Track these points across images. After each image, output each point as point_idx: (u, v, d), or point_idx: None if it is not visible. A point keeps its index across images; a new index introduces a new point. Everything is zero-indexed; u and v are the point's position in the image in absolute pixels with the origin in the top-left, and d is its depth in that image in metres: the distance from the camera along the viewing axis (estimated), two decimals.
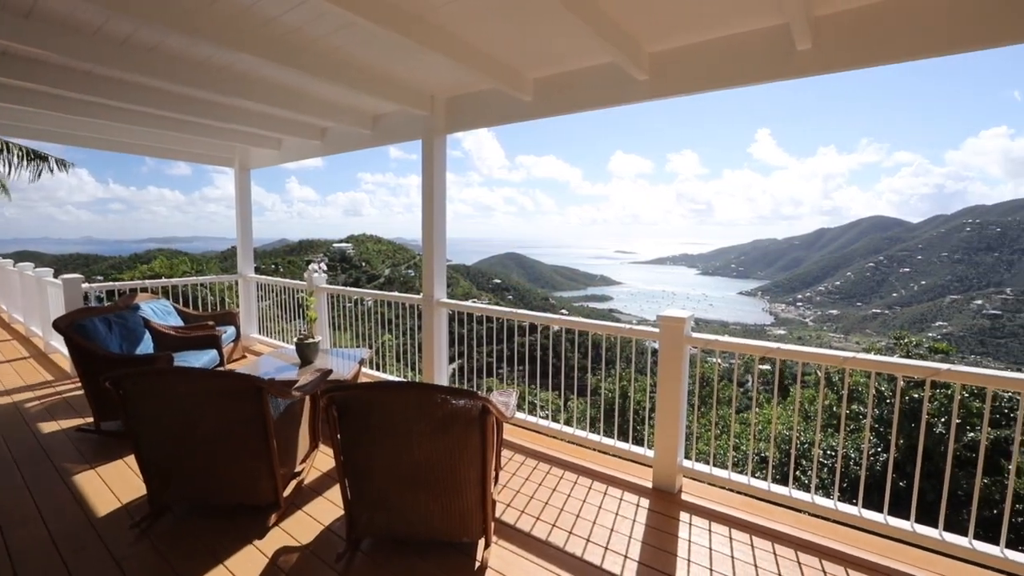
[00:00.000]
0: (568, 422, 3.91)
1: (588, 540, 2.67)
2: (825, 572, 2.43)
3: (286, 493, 2.96)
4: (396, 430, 2.30)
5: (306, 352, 4.12)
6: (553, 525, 2.80)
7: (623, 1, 2.62)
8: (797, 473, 6.44)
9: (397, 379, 5.32)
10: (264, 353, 4.71)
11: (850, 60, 2.69)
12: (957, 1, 2.36)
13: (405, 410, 2.28)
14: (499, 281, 77.90)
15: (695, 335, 3.04)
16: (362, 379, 4.60)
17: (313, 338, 4.18)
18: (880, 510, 2.67)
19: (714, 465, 3.21)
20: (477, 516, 2.43)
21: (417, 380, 4.90)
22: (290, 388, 2.85)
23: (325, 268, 5.83)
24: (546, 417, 4.05)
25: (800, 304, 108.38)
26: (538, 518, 2.87)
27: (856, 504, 2.74)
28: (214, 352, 4.68)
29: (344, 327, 5.97)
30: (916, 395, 8.42)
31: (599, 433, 3.68)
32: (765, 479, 3.00)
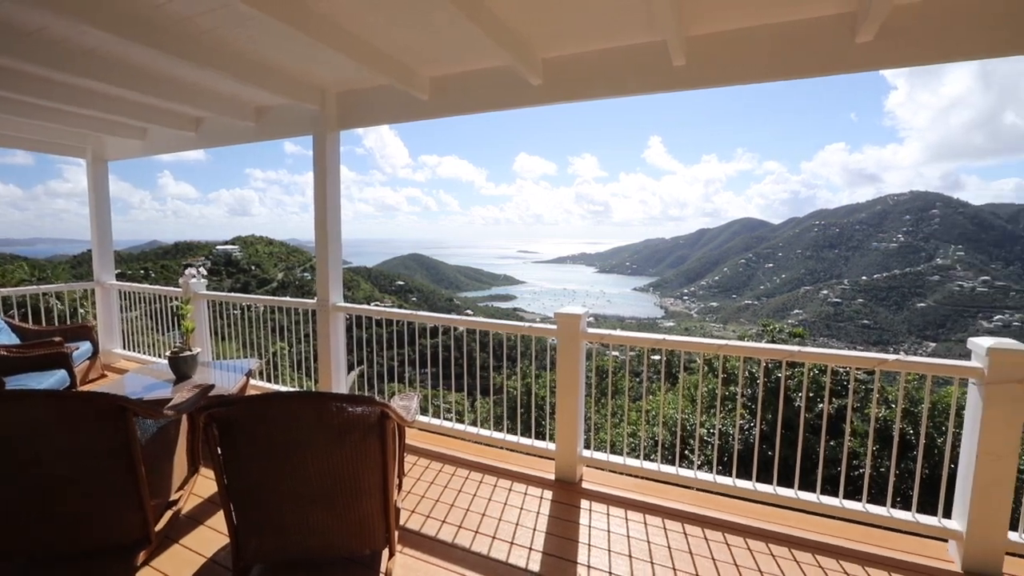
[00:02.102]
0: (475, 423, 3.92)
1: (494, 538, 2.69)
2: (707, 539, 2.69)
3: (159, 526, 2.63)
4: (288, 444, 2.15)
5: (182, 366, 3.71)
6: (459, 527, 2.79)
7: (515, 5, 2.68)
8: (686, 453, 7.04)
9: (290, 390, 4.97)
10: (130, 371, 4.15)
11: (720, 78, 3.01)
12: (808, 32, 2.74)
13: (298, 422, 2.13)
14: (403, 283, 76.00)
15: (590, 331, 3.20)
16: (251, 392, 4.24)
17: (191, 350, 3.77)
18: (754, 478, 3.00)
19: (611, 452, 3.41)
20: (380, 526, 2.35)
21: (314, 389, 4.63)
22: (162, 407, 2.54)
23: (204, 273, 5.28)
24: (451, 419, 4.02)
25: (686, 298, 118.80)
26: (444, 521, 2.84)
27: (731, 475, 3.06)
28: (63, 372, 4.04)
29: (231, 337, 5.45)
30: (779, 375, 9.65)
31: (503, 431, 3.74)
32: (656, 461, 3.24)
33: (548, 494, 3.15)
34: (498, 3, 2.64)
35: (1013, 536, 2.45)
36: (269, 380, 5.25)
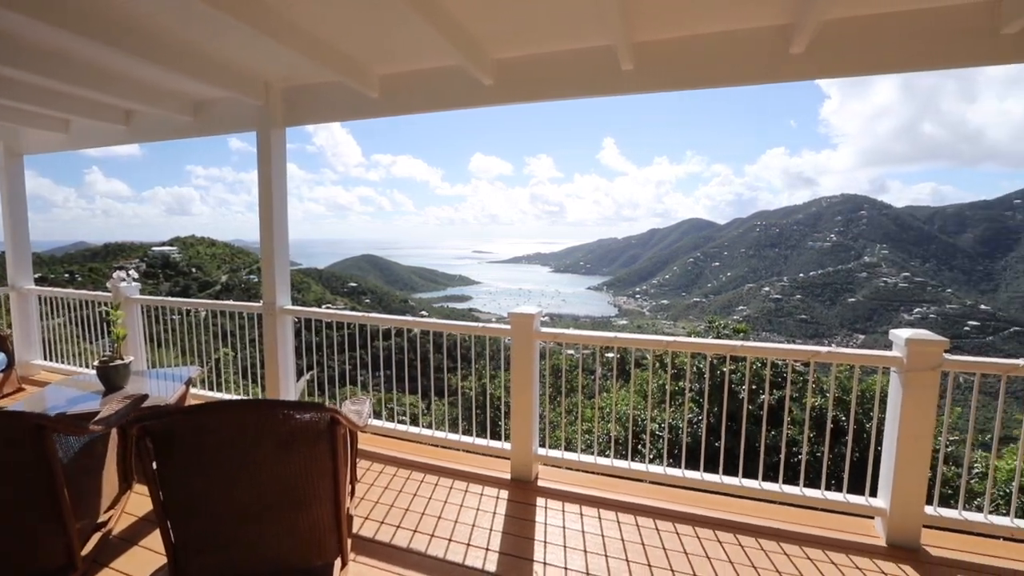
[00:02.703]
0: (430, 425, 3.87)
1: (450, 540, 2.67)
2: (658, 529, 2.77)
3: (86, 551, 2.45)
4: (232, 455, 2.05)
5: (112, 376, 3.46)
6: (415, 531, 2.75)
7: (467, 5, 2.67)
8: (640, 447, 7.24)
9: (234, 398, 4.74)
10: (52, 383, 3.84)
11: (665, 83, 3.11)
12: (747, 42, 2.88)
13: (241, 432, 2.04)
14: (355, 284, 74.02)
15: (544, 330, 3.23)
16: (191, 401, 4.01)
17: (122, 359, 3.53)
18: (704, 470, 3.12)
19: (566, 450, 3.45)
20: (331, 536, 2.28)
21: (261, 397, 4.44)
22: (87, 422, 2.36)
23: (136, 276, 4.95)
24: (404, 422, 3.96)
25: (638, 296, 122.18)
26: (399, 526, 2.79)
27: (680, 468, 3.17)
28: None
29: (169, 343, 5.14)
30: (723, 369, 10.09)
31: (459, 433, 3.72)
32: (610, 457, 3.31)
33: (504, 494, 3.16)
34: (451, 2, 2.62)
35: (929, 510, 2.66)
36: (212, 388, 4.99)
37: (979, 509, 2.69)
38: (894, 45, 2.69)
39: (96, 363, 3.47)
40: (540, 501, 3.07)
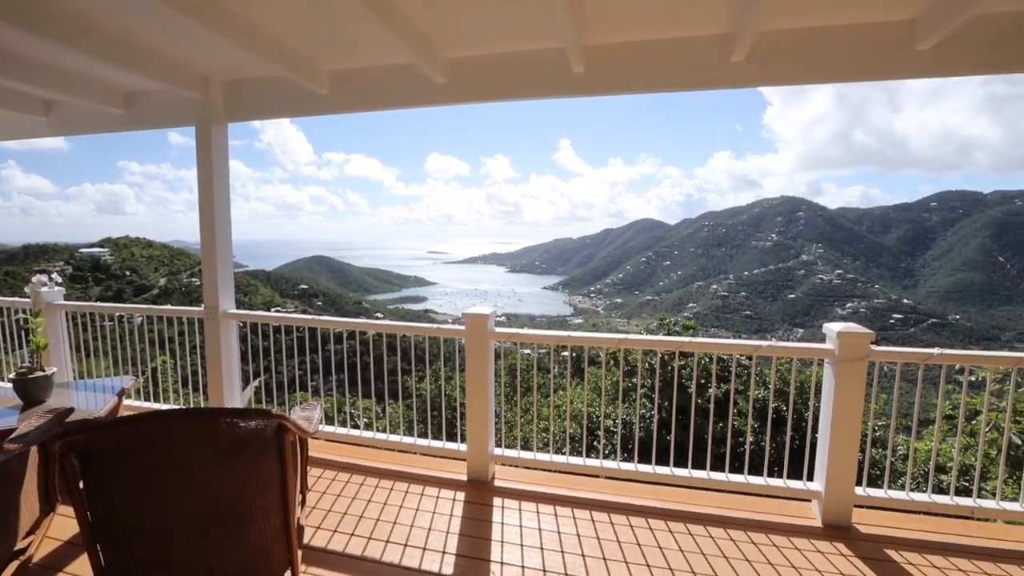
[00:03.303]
0: (386, 429, 3.80)
1: (406, 545, 2.63)
2: (613, 523, 2.84)
3: None
4: (170, 469, 1.93)
5: (31, 390, 3.19)
6: (369, 538, 2.69)
7: (418, 2, 2.64)
8: (595, 443, 7.38)
9: (173, 408, 4.48)
10: None
11: (615, 86, 3.19)
12: (690, 50, 2.99)
13: (180, 443, 1.92)
14: (306, 286, 71.57)
15: (498, 330, 3.24)
16: (125, 414, 3.75)
17: (43, 370, 3.26)
18: (657, 463, 3.21)
19: (523, 449, 3.47)
20: (280, 548, 2.19)
21: (204, 406, 4.22)
22: (2, 440, 2.17)
23: (60, 280, 4.58)
24: (357, 426, 3.86)
25: (593, 295, 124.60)
26: (353, 534, 2.72)
27: (633, 462, 3.26)
28: None
29: (101, 353, 4.79)
30: (674, 364, 10.38)
31: (414, 436, 3.66)
32: (566, 454, 3.36)
33: (461, 495, 3.14)
34: None
35: (859, 491, 2.85)
36: (150, 399, 4.70)
37: (903, 488, 2.91)
38: (824, 57, 2.87)
39: (12, 375, 3.19)
40: (497, 501, 3.07)
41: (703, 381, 7.76)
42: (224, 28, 2.68)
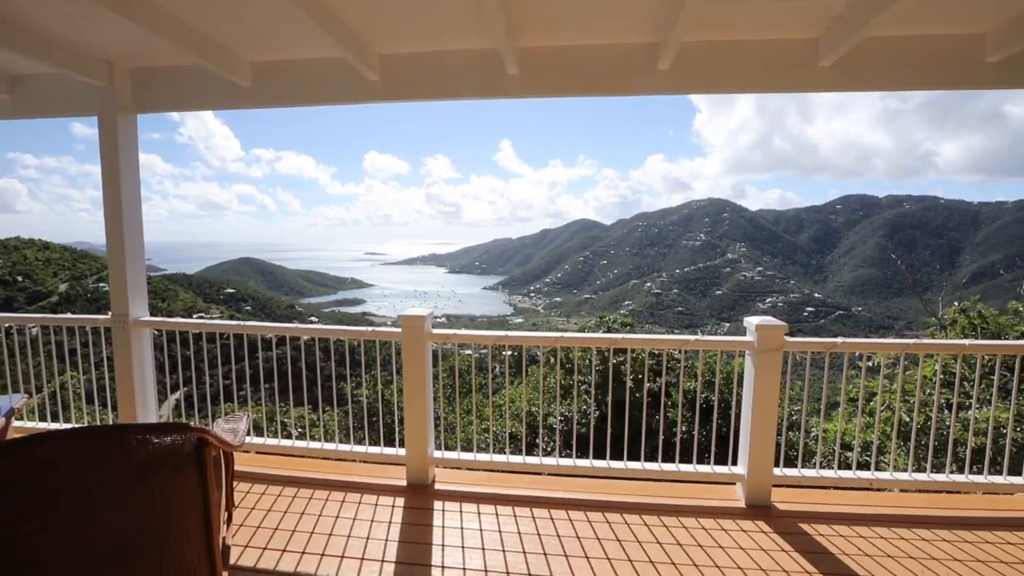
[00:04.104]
0: (322, 437, 3.65)
1: (343, 556, 2.54)
2: (553, 519, 2.88)
3: None
4: (71, 495, 1.74)
5: None
6: (303, 552, 2.57)
7: None
8: (538, 442, 7.48)
9: (74, 426, 4.07)
10: None
11: (547, 88, 3.24)
12: (621, 56, 3.09)
13: (83, 466, 1.75)
14: (233, 291, 67.35)
15: (435, 331, 3.20)
16: (14, 436, 3.36)
17: None
18: (596, 457, 3.30)
19: (464, 450, 3.46)
20: (203, 571, 2.04)
21: (114, 422, 3.87)
22: None
23: None
24: (290, 436, 3.69)
25: (533, 294, 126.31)
26: (285, 549, 2.59)
27: (572, 457, 3.33)
28: None
29: None
30: (612, 361, 10.80)
31: (351, 443, 3.55)
32: (511, 454, 3.37)
33: (401, 501, 3.07)
34: None
35: (777, 471, 3.08)
36: (49, 419, 4.23)
37: (815, 466, 3.17)
38: (741, 68, 3.07)
39: None
40: (438, 504, 3.04)
41: (639, 376, 8.08)
42: (126, 8, 2.47)
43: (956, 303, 6.27)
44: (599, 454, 3.32)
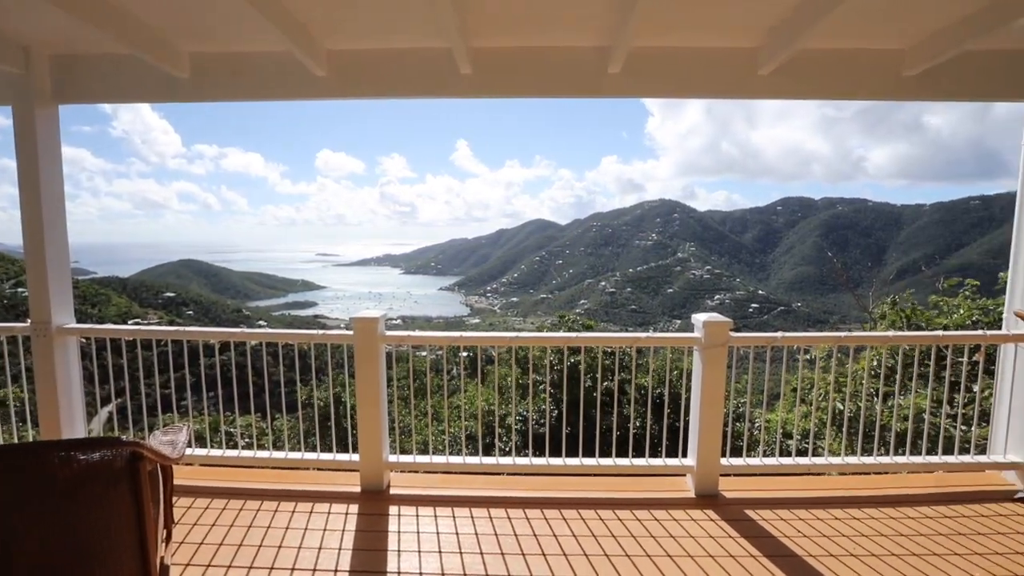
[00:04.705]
0: (270, 446, 3.50)
1: (293, 569, 2.45)
2: (510, 517, 2.89)
3: None
4: None
5: None
6: (250, 567, 2.46)
7: None
8: (496, 441, 7.47)
9: None
10: None
11: (501, 89, 3.25)
12: (573, 59, 3.13)
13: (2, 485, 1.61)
14: (173, 294, 63.61)
15: (389, 333, 3.14)
16: None
17: None
18: (553, 455, 3.32)
19: (421, 453, 3.41)
20: None
21: (35, 439, 3.58)
22: None
23: None
24: (236, 446, 3.52)
25: (490, 295, 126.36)
26: (231, 565, 2.48)
27: (528, 455, 3.35)
28: None
29: None
30: (570, 360, 10.98)
31: (301, 450, 3.43)
32: (468, 455, 3.35)
33: (355, 508, 3.00)
34: None
35: (724, 461, 3.21)
36: None
37: (759, 455, 3.32)
38: (687, 74, 3.18)
39: None
40: (393, 509, 2.98)
41: (597, 375, 8.24)
42: None
43: (886, 298, 6.74)
44: (556, 452, 3.36)
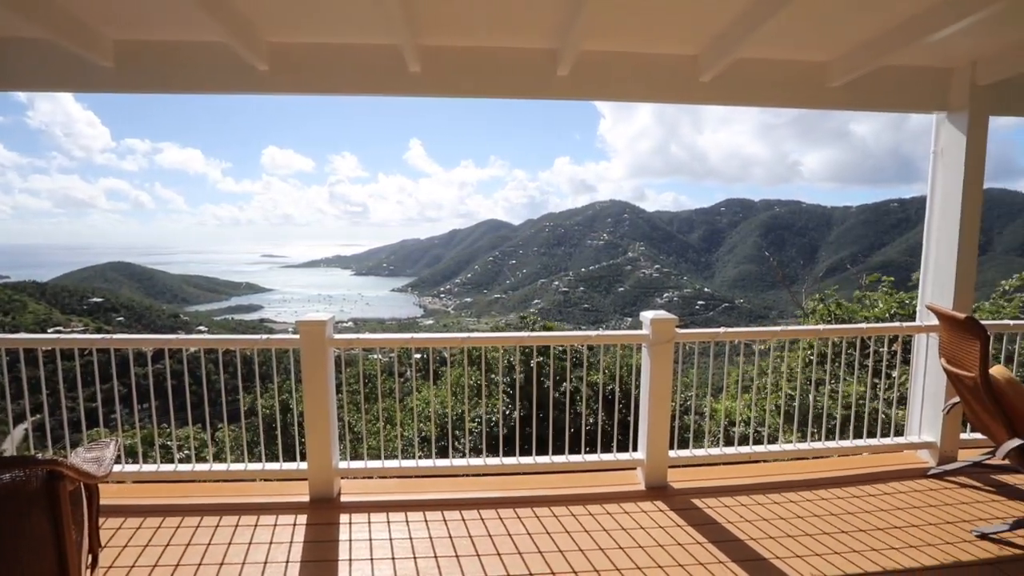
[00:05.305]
0: (210, 458, 3.32)
1: None
2: (464, 519, 2.87)
3: None
4: None
5: None
6: None
7: None
8: (452, 444, 7.42)
9: None
10: None
11: (452, 88, 3.23)
12: (523, 60, 3.15)
13: None
14: (101, 299, 59.16)
15: (338, 336, 3.06)
16: None
17: None
18: (507, 455, 3.33)
19: (374, 458, 3.33)
20: None
21: None
22: None
23: None
24: (172, 460, 3.32)
25: (443, 295, 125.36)
26: None
27: (483, 456, 3.34)
28: None
29: None
30: (521, 358, 11.04)
31: (245, 461, 3.28)
32: (422, 458, 3.31)
33: (302, 518, 2.89)
34: None
35: (672, 453, 3.33)
36: None
37: (705, 446, 3.47)
38: (633, 78, 3.27)
39: None
40: (344, 518, 2.90)
41: (557, 377, 8.34)
42: None
43: (816, 294, 7.22)
44: (511, 451, 3.37)
